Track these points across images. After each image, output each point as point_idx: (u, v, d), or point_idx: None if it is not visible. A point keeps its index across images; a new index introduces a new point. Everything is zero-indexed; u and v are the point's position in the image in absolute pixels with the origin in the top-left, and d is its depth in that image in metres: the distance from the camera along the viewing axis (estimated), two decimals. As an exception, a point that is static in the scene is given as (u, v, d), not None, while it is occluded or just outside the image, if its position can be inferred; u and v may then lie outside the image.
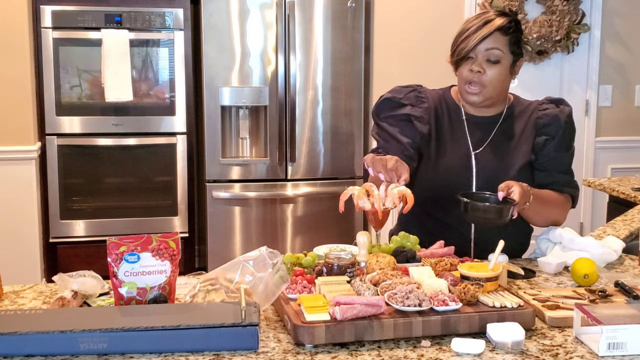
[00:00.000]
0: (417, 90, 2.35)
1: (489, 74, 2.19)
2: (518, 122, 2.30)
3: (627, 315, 1.58)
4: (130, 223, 4.45)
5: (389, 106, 2.33)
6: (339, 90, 4.57)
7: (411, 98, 2.32)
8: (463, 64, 2.21)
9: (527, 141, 2.28)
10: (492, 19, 2.20)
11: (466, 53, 2.19)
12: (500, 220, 2.03)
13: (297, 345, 1.54)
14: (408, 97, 2.32)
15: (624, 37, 4.91)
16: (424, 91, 2.36)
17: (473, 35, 2.18)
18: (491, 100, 2.25)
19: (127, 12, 4.33)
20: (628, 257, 2.24)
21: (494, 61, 2.18)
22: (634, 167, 4.85)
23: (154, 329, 1.50)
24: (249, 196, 4.52)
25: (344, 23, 4.53)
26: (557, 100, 2.34)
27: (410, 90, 2.35)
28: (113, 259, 1.67)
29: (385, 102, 2.34)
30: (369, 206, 1.99)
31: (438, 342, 1.57)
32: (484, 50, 2.17)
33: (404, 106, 2.31)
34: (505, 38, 2.19)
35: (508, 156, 2.27)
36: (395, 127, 2.29)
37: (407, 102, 2.32)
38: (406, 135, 2.27)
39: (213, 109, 4.44)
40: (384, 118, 2.33)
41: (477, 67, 2.18)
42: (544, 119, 2.28)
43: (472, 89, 2.21)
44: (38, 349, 1.48)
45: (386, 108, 2.33)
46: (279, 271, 1.70)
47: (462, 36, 2.20)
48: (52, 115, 4.32)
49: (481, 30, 2.17)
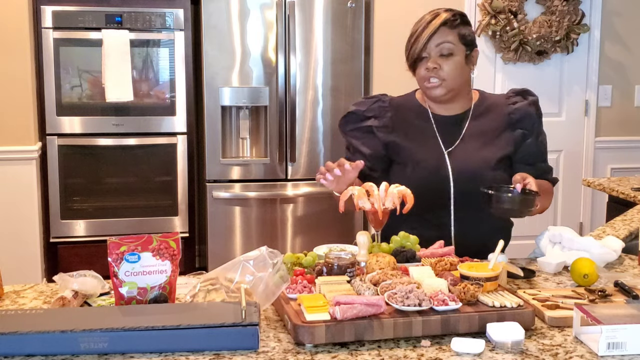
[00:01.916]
0: (380, 100, 2.40)
1: (445, 67, 2.24)
2: (489, 117, 2.34)
3: (627, 315, 1.59)
4: (131, 223, 4.45)
5: (354, 119, 2.39)
6: (339, 90, 4.58)
7: (375, 109, 2.37)
8: (419, 65, 2.26)
9: (502, 135, 2.32)
10: (437, 14, 2.26)
11: (419, 53, 2.24)
12: (525, 211, 2.06)
13: (297, 345, 1.55)
14: (372, 109, 2.37)
15: (623, 37, 4.91)
16: (387, 100, 2.40)
17: (422, 35, 2.24)
18: (453, 92, 2.29)
19: (127, 12, 4.34)
20: (628, 257, 2.25)
21: (446, 54, 2.24)
22: (633, 167, 4.85)
23: (155, 329, 1.50)
24: (249, 196, 4.52)
25: (344, 23, 4.53)
26: (522, 92, 2.39)
27: (374, 101, 2.40)
28: (113, 258, 1.67)
29: (350, 116, 2.40)
30: (369, 206, 1.99)
31: (438, 341, 1.57)
32: (434, 46, 2.23)
33: (367, 118, 2.37)
34: (453, 31, 2.25)
35: (483, 152, 2.29)
36: (358, 140, 2.36)
37: (370, 114, 2.37)
38: (368, 147, 2.34)
39: (213, 109, 4.44)
40: (350, 131, 2.39)
41: (432, 64, 2.24)
42: (516, 113, 2.33)
43: (432, 83, 2.25)
44: (38, 349, 1.49)
45: (351, 121, 2.39)
46: (279, 271, 1.70)
47: (412, 38, 2.26)
48: (53, 115, 4.33)
49: (428, 28, 2.24)
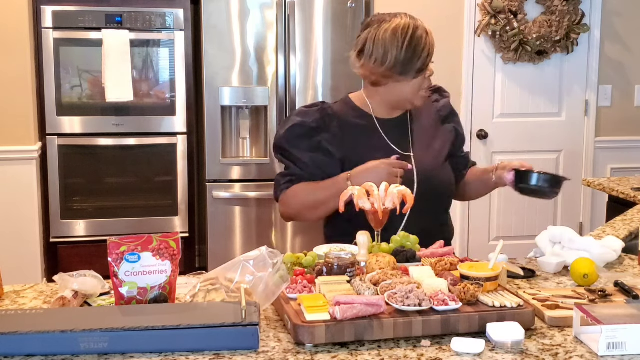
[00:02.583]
0: (323, 109, 2.31)
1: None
2: (421, 117, 2.37)
3: (627, 315, 1.59)
4: (131, 223, 4.45)
5: (300, 132, 2.27)
6: (339, 90, 4.57)
7: (319, 120, 2.28)
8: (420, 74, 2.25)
9: (439, 133, 2.37)
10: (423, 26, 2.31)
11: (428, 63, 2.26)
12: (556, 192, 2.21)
13: (298, 345, 1.55)
14: (316, 120, 2.28)
15: (623, 37, 4.91)
16: (328, 107, 2.33)
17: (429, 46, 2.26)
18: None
19: (127, 12, 4.34)
20: (628, 257, 2.25)
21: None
22: (633, 167, 4.85)
23: (155, 329, 1.50)
24: (249, 196, 4.52)
25: (344, 23, 4.53)
26: (438, 90, 2.47)
27: (317, 111, 2.31)
28: (114, 258, 1.67)
29: (296, 129, 2.27)
30: (369, 206, 1.99)
31: (438, 341, 1.57)
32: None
33: (315, 132, 2.26)
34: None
35: (434, 150, 2.33)
36: (308, 155, 2.25)
37: (316, 124, 2.27)
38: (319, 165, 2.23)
39: (213, 109, 4.44)
40: (296, 144, 2.26)
41: (429, 72, 2.28)
42: (443, 110, 2.41)
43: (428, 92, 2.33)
44: (38, 349, 1.49)
45: (297, 134, 2.26)
46: (279, 271, 1.70)
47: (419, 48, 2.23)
48: (53, 115, 4.33)
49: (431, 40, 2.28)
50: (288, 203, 2.27)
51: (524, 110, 4.87)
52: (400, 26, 2.24)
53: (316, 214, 2.27)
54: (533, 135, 4.86)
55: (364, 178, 2.10)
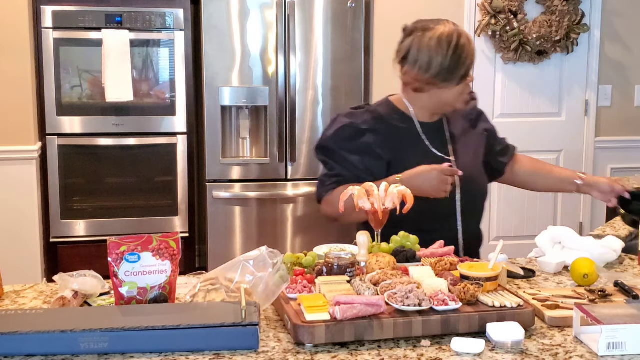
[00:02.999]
0: (368, 111, 2.33)
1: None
2: (454, 122, 2.38)
3: (627, 315, 1.59)
4: (131, 223, 4.45)
5: (349, 133, 2.27)
6: (339, 90, 4.58)
7: (367, 122, 2.29)
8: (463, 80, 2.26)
9: (473, 137, 2.40)
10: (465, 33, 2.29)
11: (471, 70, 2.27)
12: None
13: (298, 345, 1.55)
14: (365, 122, 2.28)
15: (623, 37, 4.91)
16: (373, 110, 2.34)
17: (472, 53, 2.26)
18: None
19: (127, 12, 4.34)
20: (628, 257, 2.25)
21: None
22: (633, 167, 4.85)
23: (155, 329, 1.50)
24: (249, 196, 4.52)
25: (344, 23, 4.53)
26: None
27: (364, 112, 2.32)
28: (113, 258, 1.67)
29: (345, 130, 2.28)
30: (369, 206, 1.99)
31: (438, 341, 1.57)
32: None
33: (363, 133, 2.27)
34: None
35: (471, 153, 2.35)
36: (356, 157, 2.25)
37: (365, 126, 2.28)
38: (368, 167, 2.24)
39: (213, 109, 4.44)
40: (344, 146, 2.27)
41: (469, 77, 2.28)
42: (471, 114, 2.43)
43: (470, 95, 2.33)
44: (38, 349, 1.49)
45: (346, 136, 2.27)
46: (279, 271, 1.70)
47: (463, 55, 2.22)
48: (53, 115, 4.33)
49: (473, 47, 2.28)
50: (334, 204, 2.22)
51: (524, 110, 4.87)
52: (445, 34, 2.24)
53: (361, 216, 2.19)
54: (533, 135, 4.85)
55: (414, 182, 2.11)
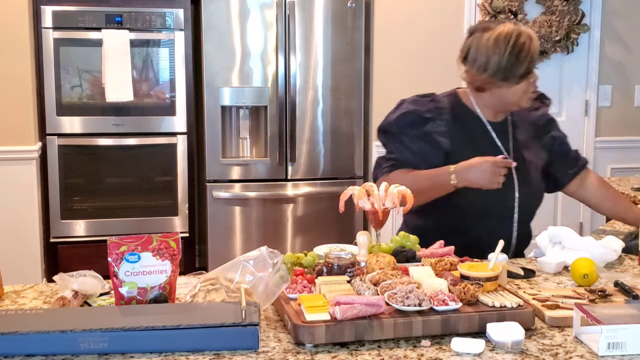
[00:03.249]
0: (435, 100, 2.35)
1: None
2: (520, 125, 2.39)
3: (627, 315, 1.59)
4: (131, 223, 4.45)
5: (411, 120, 2.31)
6: (339, 90, 4.58)
7: (432, 110, 2.32)
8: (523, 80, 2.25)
9: (536, 142, 2.39)
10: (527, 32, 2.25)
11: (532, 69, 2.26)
12: None
13: (298, 345, 1.55)
14: (429, 110, 2.32)
15: (623, 37, 4.91)
16: (440, 100, 2.36)
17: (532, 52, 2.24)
18: None
19: (127, 12, 4.34)
20: (628, 257, 2.25)
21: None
22: (634, 167, 4.85)
23: (155, 329, 1.50)
24: (249, 196, 4.52)
25: (344, 23, 4.53)
26: (539, 96, 2.46)
27: (429, 101, 2.35)
28: (113, 258, 1.67)
29: (408, 116, 2.32)
30: (369, 206, 1.99)
31: (438, 341, 1.57)
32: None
33: (425, 122, 2.30)
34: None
35: (530, 159, 2.36)
36: (415, 144, 2.29)
37: (429, 115, 2.31)
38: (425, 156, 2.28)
39: (213, 109, 4.44)
40: (405, 131, 2.31)
41: (533, 78, 2.28)
42: (541, 120, 2.42)
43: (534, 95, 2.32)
44: (38, 349, 1.49)
45: (408, 122, 2.31)
46: (279, 271, 1.70)
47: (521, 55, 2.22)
48: (53, 115, 4.33)
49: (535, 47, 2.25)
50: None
51: (524, 110, 4.87)
52: (503, 33, 2.24)
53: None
54: (533, 135, 4.85)
55: (467, 173, 2.15)
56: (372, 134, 4.68)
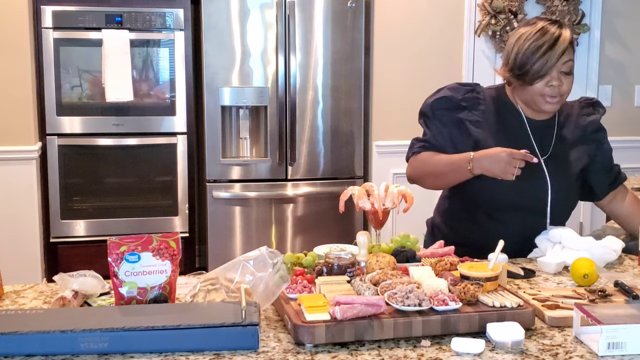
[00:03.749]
0: (475, 91, 2.37)
1: (565, 84, 2.24)
2: (568, 126, 2.38)
3: (627, 315, 1.59)
4: (131, 223, 4.46)
5: (446, 105, 2.34)
6: (339, 90, 4.58)
7: (469, 99, 2.34)
8: (539, 80, 2.23)
9: (579, 147, 2.37)
10: (560, 33, 2.22)
11: (545, 72, 2.21)
12: None
13: (298, 345, 1.55)
14: (466, 99, 2.34)
15: (623, 37, 4.91)
16: (481, 91, 2.37)
17: (549, 54, 2.19)
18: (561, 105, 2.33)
19: (127, 12, 4.34)
20: (628, 257, 2.25)
21: (568, 72, 2.23)
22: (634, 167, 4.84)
23: (155, 329, 1.50)
24: (249, 196, 4.52)
25: (344, 23, 4.53)
26: (594, 103, 2.45)
27: (469, 90, 2.36)
28: (113, 258, 1.67)
29: (443, 101, 2.35)
30: (369, 206, 1.99)
31: (438, 341, 1.57)
32: (560, 64, 2.21)
33: (460, 109, 2.33)
34: (572, 48, 2.25)
35: (569, 161, 2.35)
36: (446, 128, 2.32)
37: (464, 103, 2.33)
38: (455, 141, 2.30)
39: (213, 109, 4.44)
40: (439, 115, 2.34)
41: (556, 82, 2.22)
42: (591, 126, 2.40)
43: (552, 100, 2.25)
44: (38, 349, 1.49)
45: (443, 106, 2.34)
46: (279, 271, 1.70)
47: (535, 55, 2.20)
48: (53, 115, 4.33)
49: (556, 48, 2.20)
50: (415, 166, 2.37)
51: (524, 110, 4.87)
52: (526, 33, 2.24)
53: (436, 183, 2.37)
54: (533, 135, 4.85)
55: (483, 161, 2.17)
56: (372, 134, 4.69)
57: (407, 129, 4.58)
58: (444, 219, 2.47)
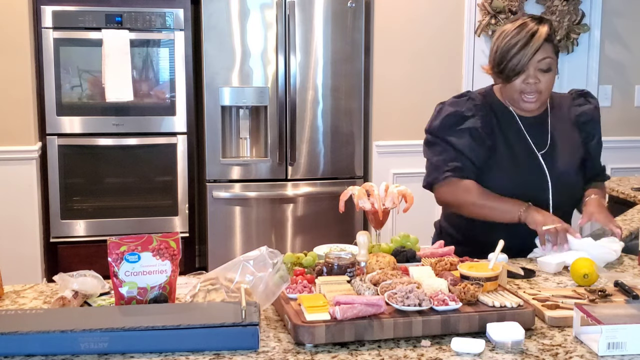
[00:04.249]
0: (470, 98, 2.36)
1: (543, 82, 2.24)
2: (560, 119, 2.38)
3: (627, 315, 1.59)
4: (131, 223, 4.46)
5: (455, 120, 2.31)
6: (339, 90, 4.58)
7: (470, 108, 2.32)
8: (516, 78, 2.23)
9: (574, 137, 2.38)
10: (536, 29, 2.21)
11: (520, 69, 2.21)
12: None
13: (298, 345, 1.55)
14: (468, 108, 2.32)
15: (623, 37, 4.91)
16: (475, 97, 2.37)
17: (523, 51, 2.20)
18: (544, 103, 2.33)
19: (127, 12, 4.34)
20: (628, 257, 2.25)
21: (546, 70, 2.23)
22: (633, 167, 4.85)
23: (155, 329, 1.50)
24: (249, 196, 4.52)
25: (344, 23, 4.53)
26: (585, 94, 2.45)
27: (466, 99, 2.35)
28: (114, 258, 1.67)
29: (451, 117, 2.31)
30: (369, 206, 1.99)
31: (438, 341, 1.57)
32: (536, 62, 2.21)
33: (466, 119, 2.31)
34: (551, 45, 2.24)
35: (568, 153, 2.35)
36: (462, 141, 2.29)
37: (469, 113, 2.31)
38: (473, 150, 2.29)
39: (213, 109, 4.44)
40: (451, 134, 2.30)
41: (533, 79, 2.23)
42: (583, 116, 2.39)
43: (529, 98, 2.26)
44: (39, 349, 1.49)
45: (452, 122, 2.31)
46: (279, 271, 1.70)
47: (511, 52, 2.20)
48: (53, 115, 4.33)
49: (531, 45, 2.19)
50: (455, 193, 2.29)
51: (524, 110, 4.87)
52: (506, 30, 2.25)
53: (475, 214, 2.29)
54: (533, 135, 4.85)
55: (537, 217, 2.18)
56: (372, 134, 4.69)
57: (407, 129, 4.60)
58: (451, 220, 2.46)
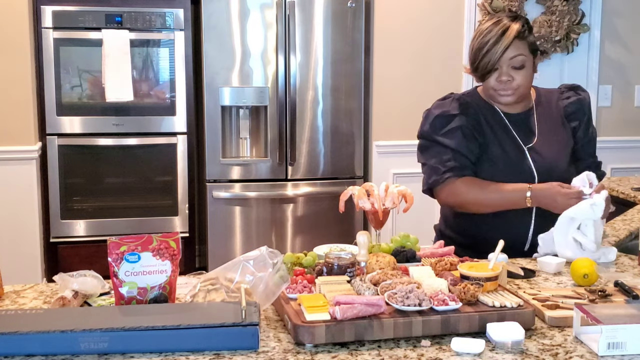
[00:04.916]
0: (454, 99, 2.37)
1: (517, 79, 2.24)
2: (548, 113, 2.38)
3: (627, 315, 1.59)
4: (131, 223, 4.46)
5: (444, 121, 2.32)
6: (339, 90, 4.58)
7: (455, 107, 2.33)
8: (489, 76, 2.25)
9: (562, 129, 2.37)
10: (508, 26, 2.22)
11: (491, 67, 2.22)
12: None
13: (298, 345, 1.55)
14: (453, 107, 2.33)
15: (623, 37, 4.91)
16: (459, 97, 2.38)
17: (494, 49, 2.21)
18: (522, 97, 2.32)
19: (127, 12, 4.34)
20: (628, 257, 2.25)
21: (519, 67, 2.23)
22: (633, 167, 4.85)
23: (155, 329, 1.50)
24: (250, 196, 4.52)
25: (344, 23, 4.53)
26: (575, 87, 2.44)
27: (451, 100, 2.36)
28: (114, 258, 1.67)
29: (439, 119, 2.32)
30: (369, 206, 1.99)
31: (438, 341, 1.57)
32: (508, 59, 2.22)
33: (454, 117, 2.31)
34: (524, 42, 2.24)
35: (556, 146, 2.34)
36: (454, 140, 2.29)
37: (455, 112, 2.32)
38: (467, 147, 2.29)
39: (213, 109, 4.44)
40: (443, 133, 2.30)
41: (505, 77, 2.24)
42: (570, 107, 2.39)
43: (504, 93, 2.27)
44: (38, 349, 1.49)
45: (442, 124, 2.31)
46: (279, 271, 1.70)
47: (482, 51, 2.22)
48: (53, 115, 4.33)
49: (501, 42, 2.20)
50: (458, 193, 2.28)
51: (524, 110, 4.87)
52: (481, 29, 2.26)
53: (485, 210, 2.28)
54: (533, 135, 4.85)
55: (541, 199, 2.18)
56: (372, 134, 4.69)
57: (407, 129, 4.59)
58: (449, 222, 2.46)
